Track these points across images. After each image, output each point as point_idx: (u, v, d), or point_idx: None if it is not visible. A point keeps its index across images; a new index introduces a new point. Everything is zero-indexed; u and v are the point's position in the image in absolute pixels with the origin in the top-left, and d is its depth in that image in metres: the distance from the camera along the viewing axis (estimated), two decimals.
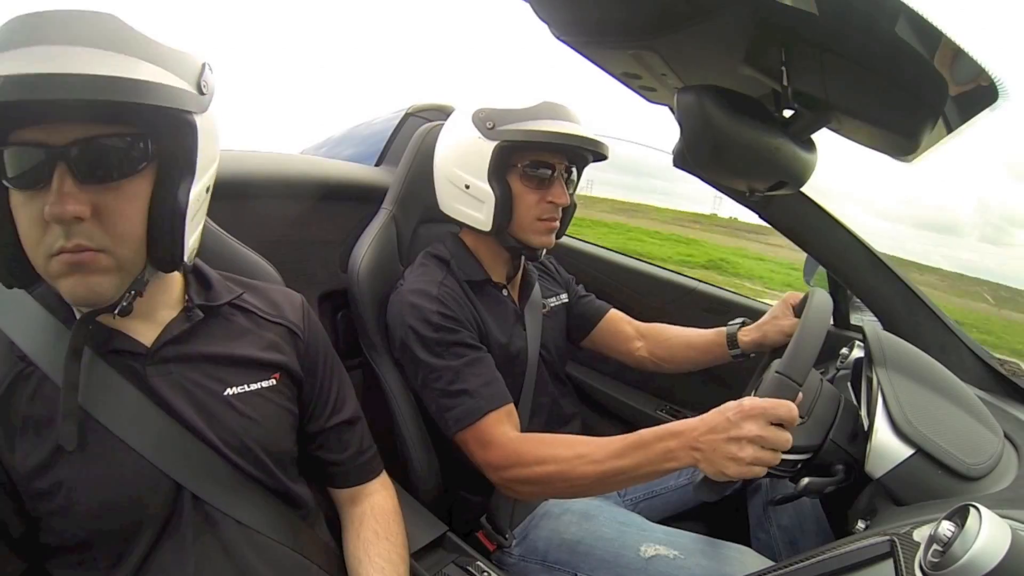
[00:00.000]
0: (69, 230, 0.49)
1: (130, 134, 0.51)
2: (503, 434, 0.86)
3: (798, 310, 0.99)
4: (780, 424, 0.64)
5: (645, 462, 0.72)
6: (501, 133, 0.89)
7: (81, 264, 0.50)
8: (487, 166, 0.90)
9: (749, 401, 0.65)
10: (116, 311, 0.55)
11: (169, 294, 0.63)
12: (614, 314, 1.22)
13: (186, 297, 0.65)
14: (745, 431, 0.63)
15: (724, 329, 1.09)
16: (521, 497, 0.93)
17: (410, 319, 0.90)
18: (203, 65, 0.55)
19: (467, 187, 0.93)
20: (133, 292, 0.55)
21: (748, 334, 1.05)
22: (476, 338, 0.92)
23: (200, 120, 0.53)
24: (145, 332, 0.60)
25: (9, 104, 0.42)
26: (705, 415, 0.69)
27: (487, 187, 0.91)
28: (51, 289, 0.55)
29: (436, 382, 0.90)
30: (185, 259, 0.57)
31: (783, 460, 0.68)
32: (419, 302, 0.90)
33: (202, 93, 0.53)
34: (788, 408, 0.64)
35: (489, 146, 0.89)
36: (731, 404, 0.67)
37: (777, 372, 0.67)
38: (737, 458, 0.64)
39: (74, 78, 0.43)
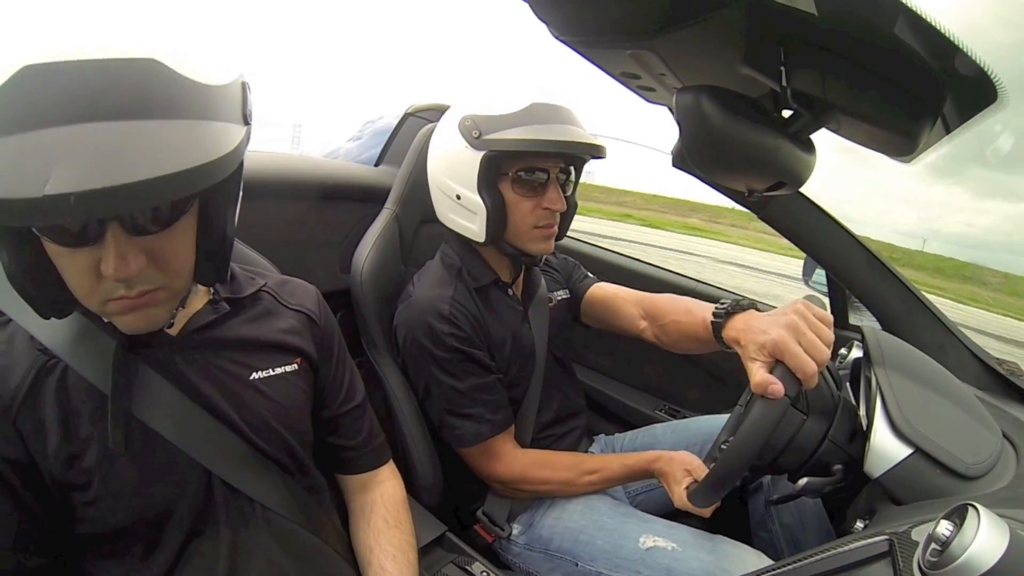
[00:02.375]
0: (130, 283, 0.48)
1: None
2: (507, 452, 0.93)
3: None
4: None
5: (630, 482, 1.01)
6: (487, 143, 0.84)
7: (142, 305, 0.51)
8: (476, 177, 0.87)
9: (676, 499, 0.86)
10: (164, 327, 0.58)
11: (196, 288, 0.64)
12: (597, 290, 1.14)
13: (211, 290, 0.66)
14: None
15: (711, 319, 0.84)
16: (516, 499, 0.99)
17: (423, 339, 0.91)
18: (243, 87, 0.51)
19: (458, 197, 0.90)
20: (181, 306, 0.58)
21: (732, 333, 0.79)
22: (487, 355, 0.93)
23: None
24: (175, 324, 0.61)
25: None
26: (670, 465, 0.90)
27: (477, 198, 0.88)
28: None
29: (444, 401, 0.92)
30: (227, 274, 0.60)
31: None
32: (432, 322, 0.90)
33: (247, 123, 0.50)
34: (700, 513, 0.84)
35: (476, 156, 0.86)
36: (675, 481, 0.87)
37: (691, 491, 0.78)
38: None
39: (154, 187, 0.38)
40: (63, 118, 0.38)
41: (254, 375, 0.64)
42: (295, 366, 0.68)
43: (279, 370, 0.66)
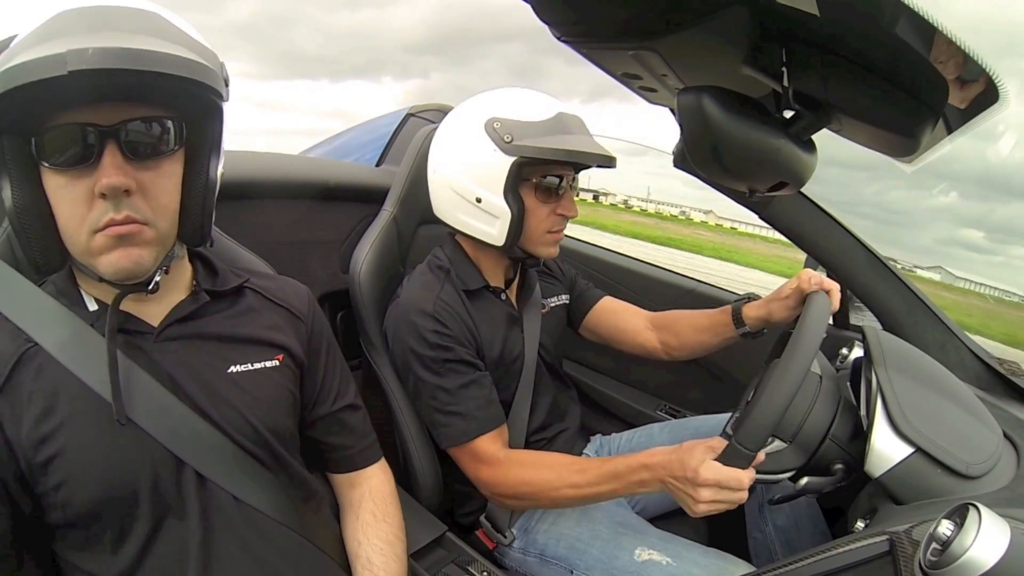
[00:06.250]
0: (118, 203, 0.52)
1: (168, 117, 0.56)
2: (493, 454, 0.90)
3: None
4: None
5: (621, 489, 0.80)
6: (521, 148, 0.84)
7: (128, 236, 0.54)
8: (504, 182, 0.86)
9: (705, 470, 0.68)
10: (149, 287, 0.58)
11: (179, 278, 0.66)
12: (608, 303, 1.19)
13: (194, 282, 0.67)
14: (700, 495, 0.69)
15: (729, 306, 1.02)
16: (508, 508, 0.97)
17: (407, 337, 0.91)
18: (222, 63, 0.60)
19: (478, 200, 0.89)
20: (163, 268, 0.59)
21: (753, 310, 0.99)
22: (474, 354, 0.93)
23: (225, 107, 0.59)
24: (154, 313, 0.62)
25: (67, 83, 0.45)
26: (675, 453, 0.74)
27: (503, 203, 0.87)
28: (65, 277, 0.61)
29: (431, 400, 0.91)
30: (210, 234, 0.62)
31: (762, 478, 0.73)
32: (416, 320, 0.90)
33: (226, 84, 0.58)
34: (739, 481, 0.68)
35: (507, 161, 0.85)
36: (693, 457, 0.71)
37: (735, 442, 0.67)
38: (694, 509, 0.71)
39: (163, 55, 0.48)
40: (83, 30, 0.49)
41: (232, 368, 0.64)
42: (276, 362, 0.68)
43: (258, 365, 0.66)
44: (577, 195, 0.98)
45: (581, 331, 1.21)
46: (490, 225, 0.90)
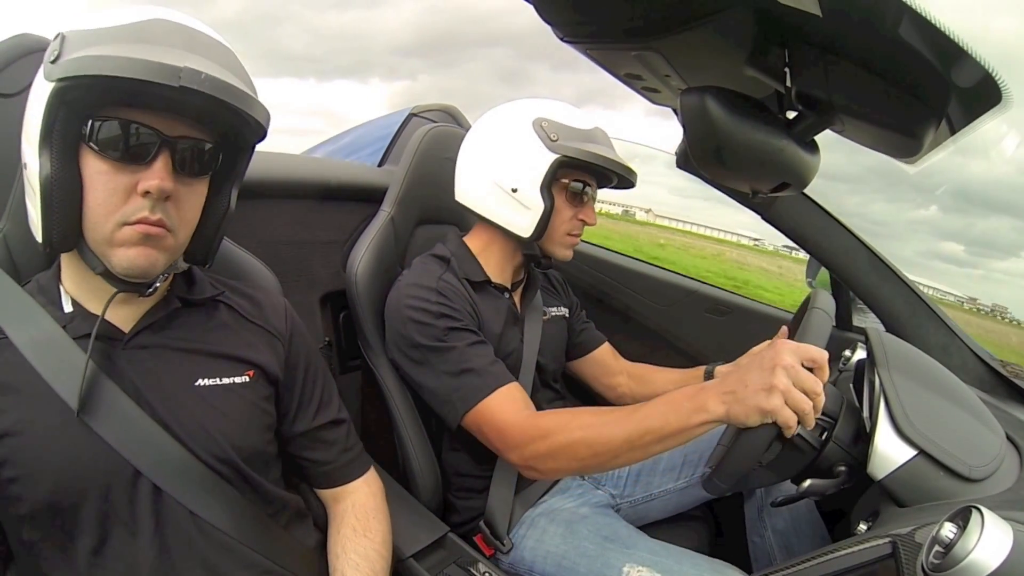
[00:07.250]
0: (155, 205, 0.55)
1: (213, 143, 0.60)
2: (516, 411, 0.84)
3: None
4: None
5: (674, 418, 0.68)
6: (565, 148, 0.90)
7: (154, 237, 0.56)
8: (543, 177, 0.91)
9: (784, 342, 0.64)
10: (148, 291, 0.60)
11: (161, 287, 0.65)
12: (607, 347, 1.25)
13: (168, 290, 0.66)
14: (779, 359, 0.61)
15: (703, 367, 1.13)
16: (544, 475, 0.95)
17: (409, 310, 0.90)
18: None
19: (514, 191, 0.93)
20: (165, 276, 0.61)
21: (724, 368, 1.06)
22: (476, 328, 0.92)
23: None
24: (125, 318, 0.62)
25: (144, 88, 0.49)
26: (725, 387, 0.66)
27: (538, 196, 0.92)
28: (49, 276, 0.62)
29: (441, 364, 0.89)
30: (213, 258, 0.65)
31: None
32: (419, 293, 0.90)
33: None
34: (818, 349, 0.63)
35: (549, 158, 0.90)
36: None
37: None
38: (771, 386, 0.61)
39: (255, 101, 0.55)
40: (181, 46, 0.54)
41: (199, 381, 0.63)
42: (246, 378, 0.67)
43: (227, 380, 0.65)
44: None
45: (569, 360, 1.23)
46: (521, 216, 0.94)
